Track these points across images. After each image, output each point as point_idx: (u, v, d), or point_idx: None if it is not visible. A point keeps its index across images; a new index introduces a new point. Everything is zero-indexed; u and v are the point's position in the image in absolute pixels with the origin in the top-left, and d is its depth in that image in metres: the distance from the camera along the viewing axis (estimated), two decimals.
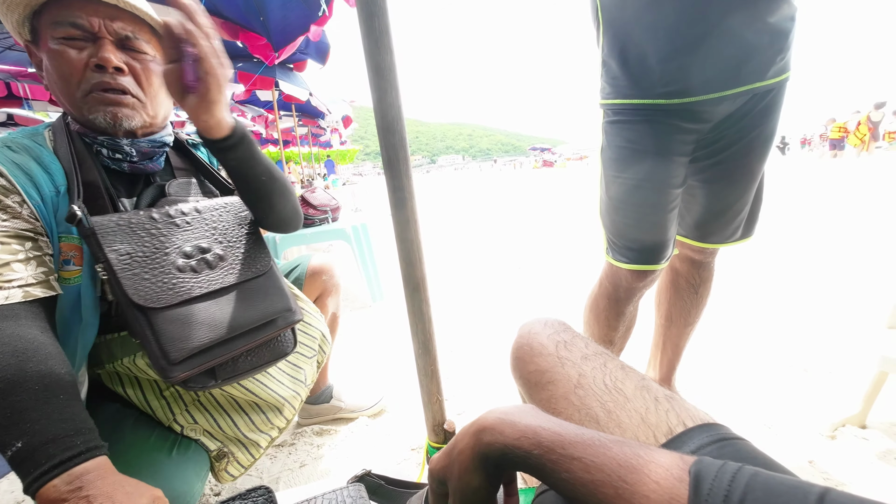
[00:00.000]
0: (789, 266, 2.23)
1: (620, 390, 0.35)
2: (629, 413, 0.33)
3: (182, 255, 0.62)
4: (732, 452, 0.29)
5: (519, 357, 0.46)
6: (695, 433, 0.30)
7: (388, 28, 0.47)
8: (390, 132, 0.50)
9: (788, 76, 0.77)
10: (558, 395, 0.38)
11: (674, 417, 0.32)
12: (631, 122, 0.80)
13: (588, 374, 0.38)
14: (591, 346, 0.42)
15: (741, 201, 0.85)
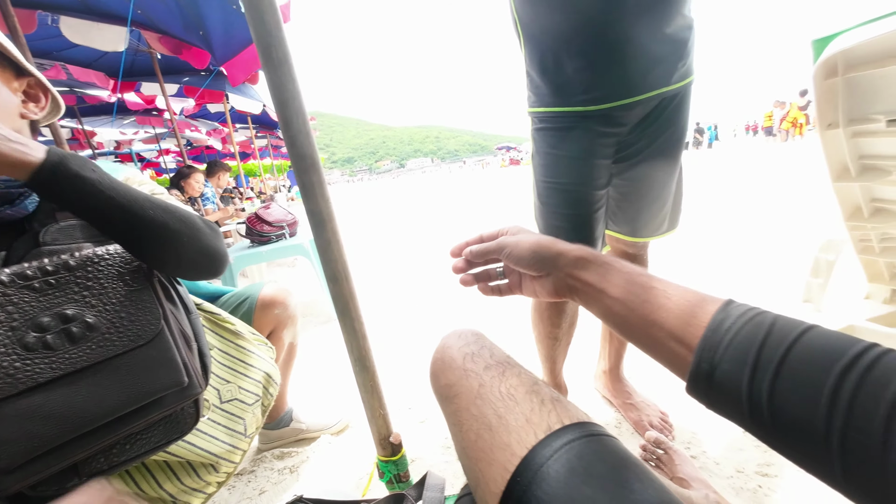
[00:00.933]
0: (717, 251, 2.40)
1: (513, 396, 0.37)
2: (516, 416, 0.35)
3: (34, 329, 0.48)
4: (598, 448, 0.31)
5: (433, 372, 0.47)
6: (570, 429, 0.33)
7: (287, 57, 0.48)
8: (301, 158, 0.51)
9: (692, 80, 0.83)
10: (461, 408, 0.39)
11: (554, 417, 0.34)
12: (555, 129, 0.84)
13: (487, 383, 0.39)
14: (496, 356, 0.43)
15: (663, 196, 0.91)
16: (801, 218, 2.85)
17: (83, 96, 4.08)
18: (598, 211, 0.86)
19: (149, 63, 3.34)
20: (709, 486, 0.77)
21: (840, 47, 0.79)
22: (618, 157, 0.87)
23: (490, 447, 0.34)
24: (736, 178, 5.68)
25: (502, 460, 0.33)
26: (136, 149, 7.98)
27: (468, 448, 0.37)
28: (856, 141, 0.88)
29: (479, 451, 0.35)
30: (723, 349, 0.30)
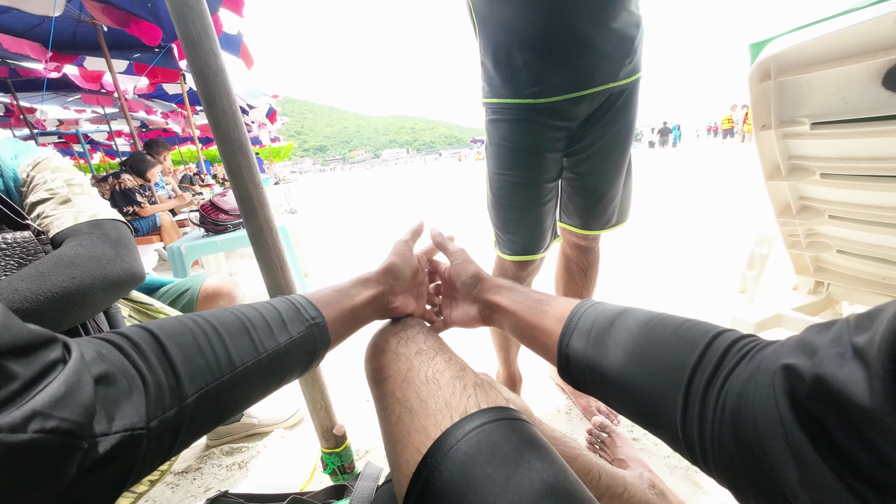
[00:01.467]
0: (665, 244, 2.53)
1: (437, 381, 0.37)
2: (437, 400, 0.35)
3: None
4: (507, 430, 0.32)
5: (366, 356, 0.47)
6: (484, 413, 0.33)
7: (208, 30, 0.45)
8: (227, 141, 0.48)
9: (639, 76, 0.85)
10: (388, 391, 0.39)
11: (472, 401, 0.35)
12: (506, 120, 0.84)
13: (415, 367, 0.39)
14: (430, 342, 0.43)
15: (612, 190, 0.94)
16: (744, 214, 3.04)
17: (16, 68, 3.71)
18: (547, 203, 0.87)
19: (93, 36, 3.08)
20: (645, 466, 0.82)
21: (772, 52, 0.84)
22: (568, 151, 0.89)
23: (408, 430, 0.34)
24: (692, 176, 5.98)
25: (416, 442, 0.33)
26: (84, 129, 7.37)
27: (390, 431, 0.37)
28: (786, 142, 0.94)
29: (398, 434, 0.35)
30: (570, 332, 0.38)
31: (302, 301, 0.41)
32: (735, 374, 0.26)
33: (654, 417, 0.32)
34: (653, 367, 0.32)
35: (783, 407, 0.22)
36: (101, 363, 0.25)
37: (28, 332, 0.21)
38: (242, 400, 0.35)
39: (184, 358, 0.30)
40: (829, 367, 0.19)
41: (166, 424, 0.28)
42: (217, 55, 0.46)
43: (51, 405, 0.19)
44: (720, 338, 0.29)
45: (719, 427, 0.26)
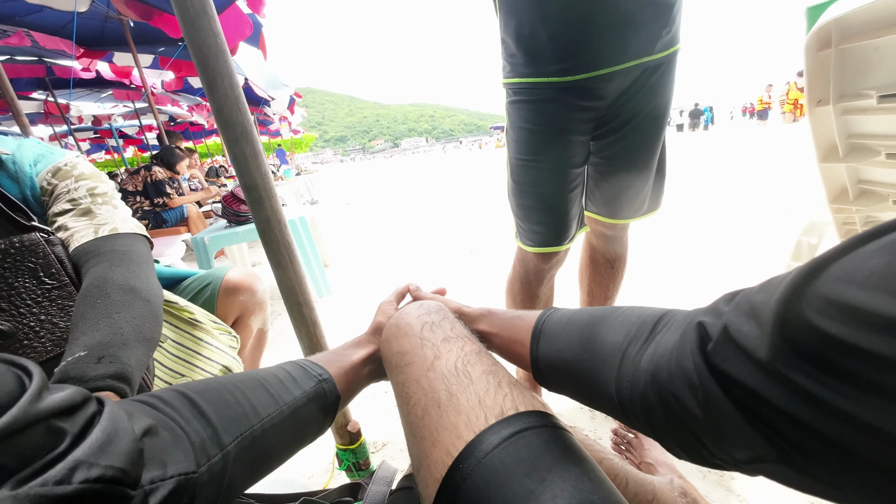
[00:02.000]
0: (700, 234, 2.38)
1: (468, 374, 0.35)
2: (469, 395, 0.32)
3: None
4: (548, 440, 0.29)
5: (385, 338, 0.44)
6: (522, 417, 0.30)
7: (207, 8, 0.42)
8: (230, 126, 0.46)
9: (677, 49, 0.77)
10: (412, 379, 0.37)
11: (509, 402, 0.32)
12: (529, 101, 0.78)
13: (443, 355, 0.37)
14: (457, 329, 0.41)
15: (643, 176, 0.87)
16: (787, 200, 2.84)
17: (52, 67, 3.86)
18: (573, 191, 0.81)
19: (120, 31, 3.16)
20: (675, 471, 0.76)
21: (835, 15, 0.74)
22: (596, 134, 0.82)
23: (437, 426, 0.32)
24: (727, 161, 5.64)
25: (447, 442, 0.30)
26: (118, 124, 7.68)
27: (414, 423, 0.34)
28: (845, 119, 0.83)
29: (424, 429, 0.33)
30: (538, 337, 0.40)
31: (305, 362, 0.44)
32: (660, 338, 0.29)
33: (597, 390, 0.33)
34: (598, 347, 0.34)
35: (696, 357, 0.24)
36: (145, 417, 0.26)
37: (71, 393, 0.22)
38: (273, 453, 0.36)
39: (214, 410, 0.32)
40: (734, 323, 0.22)
41: (213, 471, 0.29)
42: (217, 34, 0.43)
43: (93, 454, 0.20)
44: (654, 312, 0.32)
45: (643, 382, 0.28)
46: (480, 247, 2.79)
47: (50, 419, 0.20)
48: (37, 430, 0.19)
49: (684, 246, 2.21)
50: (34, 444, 0.19)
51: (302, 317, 0.56)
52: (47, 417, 0.20)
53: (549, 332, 0.40)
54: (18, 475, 0.18)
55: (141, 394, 0.31)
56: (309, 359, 0.45)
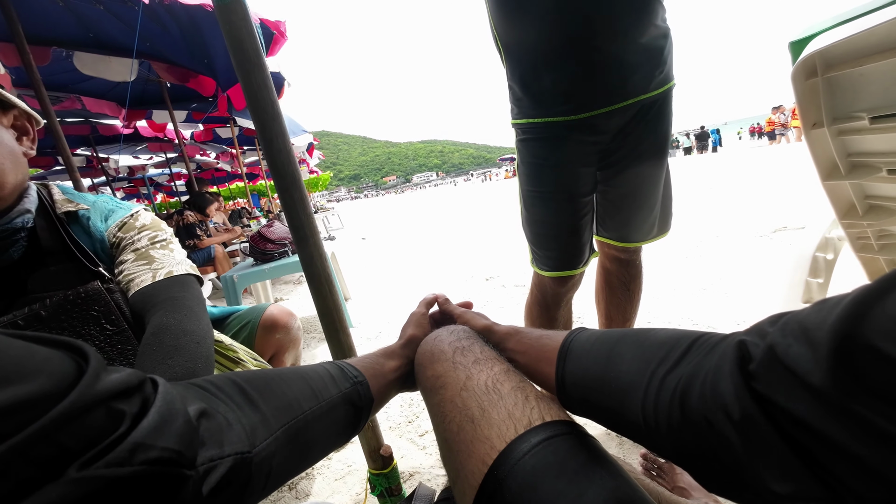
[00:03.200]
0: (712, 253, 2.37)
1: (498, 391, 0.37)
2: (499, 410, 0.35)
3: None
4: (574, 444, 0.31)
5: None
6: (549, 426, 0.33)
7: (266, 82, 0.51)
8: (281, 176, 0.53)
9: (672, 85, 0.85)
10: (447, 399, 0.39)
11: (536, 413, 0.34)
12: (537, 139, 0.86)
13: (474, 376, 0.39)
14: (486, 352, 0.44)
15: (650, 201, 0.91)
16: (798, 217, 2.81)
17: (97, 126, 4.25)
18: (583, 218, 0.86)
19: (158, 92, 3.49)
20: (710, 495, 0.75)
21: (817, 47, 0.80)
22: (602, 164, 0.88)
23: (471, 439, 0.34)
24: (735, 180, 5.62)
25: (481, 453, 0.33)
26: (149, 174, 8.23)
27: (450, 440, 0.37)
28: (842, 139, 0.87)
29: (459, 443, 0.35)
30: (564, 357, 0.40)
31: (343, 363, 0.45)
32: (693, 361, 0.27)
33: (622, 413, 0.32)
34: (625, 368, 0.33)
35: (736, 378, 0.22)
36: (199, 401, 0.27)
37: (127, 374, 0.23)
38: (313, 446, 0.37)
39: (262, 398, 0.33)
40: (781, 343, 0.20)
41: (264, 453, 0.29)
42: (274, 102, 0.52)
43: (150, 435, 0.21)
44: (687, 335, 0.30)
45: (669, 404, 0.26)
46: (497, 275, 2.82)
47: (109, 401, 0.20)
48: (98, 412, 0.20)
49: (697, 265, 2.20)
50: (96, 426, 0.19)
51: (339, 343, 0.61)
52: (106, 399, 0.20)
53: (576, 352, 0.39)
54: (83, 457, 0.18)
55: (194, 379, 0.32)
56: (346, 361, 0.46)
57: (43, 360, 0.19)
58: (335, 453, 1.16)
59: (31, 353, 0.19)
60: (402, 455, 1.08)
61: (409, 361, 0.51)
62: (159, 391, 0.24)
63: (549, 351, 0.43)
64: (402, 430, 1.21)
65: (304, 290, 3.36)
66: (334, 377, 0.41)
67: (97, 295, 0.57)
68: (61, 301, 0.54)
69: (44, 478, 0.17)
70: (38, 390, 0.18)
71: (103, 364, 0.22)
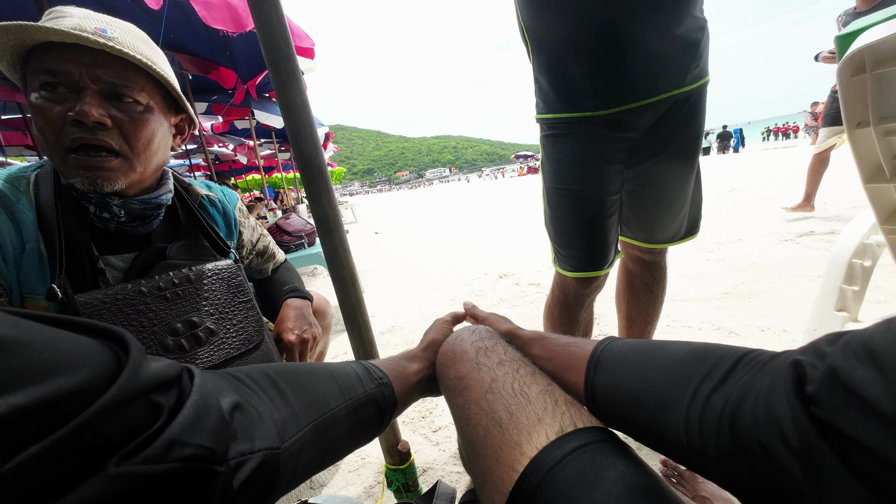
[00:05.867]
0: (739, 256, 2.29)
1: (525, 394, 0.36)
2: (528, 414, 0.34)
3: (170, 333, 0.58)
4: (610, 454, 0.30)
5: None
6: (582, 433, 0.32)
7: (295, 72, 0.50)
8: (309, 167, 0.53)
9: (706, 81, 0.81)
10: (471, 401, 0.39)
11: (567, 419, 0.33)
12: (564, 135, 0.83)
13: (500, 378, 0.39)
14: (510, 353, 0.43)
15: (679, 201, 0.88)
16: (831, 222, 2.70)
17: None
18: (610, 217, 0.84)
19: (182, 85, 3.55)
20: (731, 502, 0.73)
21: (866, 42, 0.76)
22: (630, 162, 0.85)
23: (499, 444, 0.34)
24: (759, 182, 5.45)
25: (510, 459, 0.32)
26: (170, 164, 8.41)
27: (476, 443, 0.36)
28: (889, 140, 0.83)
29: (486, 448, 0.35)
30: (594, 366, 0.39)
31: (368, 364, 0.45)
32: (742, 380, 0.25)
33: (661, 430, 0.31)
34: (663, 383, 0.31)
35: (793, 401, 0.20)
36: (233, 393, 0.28)
37: (166, 366, 0.23)
38: (338, 444, 0.37)
39: (293, 392, 0.33)
40: (844, 367, 0.19)
41: (292, 449, 0.30)
42: (302, 93, 0.51)
43: (184, 431, 0.21)
44: (732, 351, 0.29)
45: (717, 427, 0.25)
46: (511, 272, 2.80)
47: (149, 393, 0.21)
48: (137, 404, 0.20)
49: (719, 269, 2.13)
50: (136, 419, 0.20)
51: (361, 337, 0.61)
52: (146, 392, 0.21)
53: (609, 362, 0.38)
54: (122, 450, 0.18)
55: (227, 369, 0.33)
56: (371, 362, 0.46)
57: (87, 351, 0.19)
58: None
59: (76, 343, 0.19)
60: (415, 450, 1.08)
61: (431, 365, 0.50)
62: (195, 383, 0.24)
63: (576, 359, 0.42)
64: (416, 425, 1.21)
65: (319, 282, 3.39)
66: (360, 377, 0.42)
67: (235, 270, 0.69)
68: (205, 270, 0.64)
69: (86, 469, 0.17)
70: (82, 381, 0.18)
71: (143, 352, 0.22)
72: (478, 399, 0.38)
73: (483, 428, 0.36)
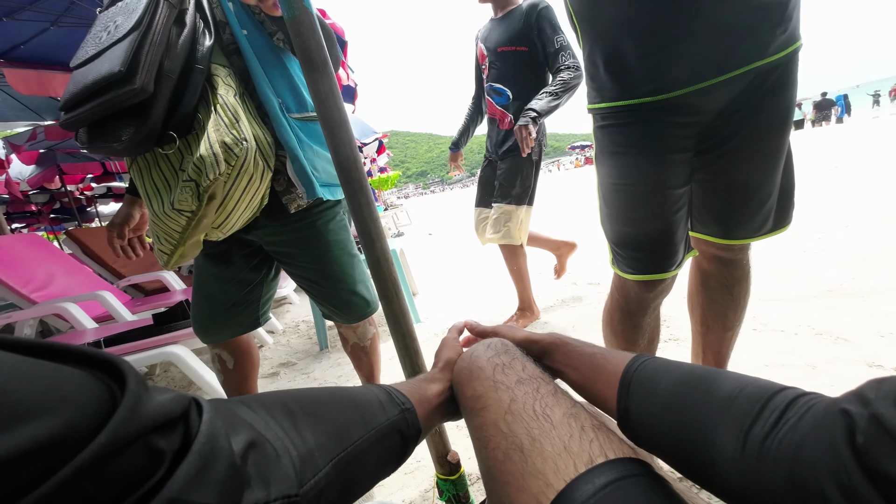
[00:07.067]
0: (838, 248, 1.92)
1: (548, 417, 0.34)
2: (553, 441, 0.32)
3: None
4: (647, 491, 0.27)
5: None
6: (615, 465, 0.29)
7: (333, 89, 0.51)
8: (349, 182, 0.54)
9: (798, 46, 0.69)
10: (489, 422, 0.37)
11: (596, 448, 0.31)
12: (620, 125, 0.76)
13: (519, 398, 0.36)
14: (529, 370, 0.41)
15: (764, 188, 0.76)
16: None
17: None
18: (677, 213, 0.75)
19: None
20: None
21: None
22: (700, 149, 0.76)
23: (521, 472, 0.32)
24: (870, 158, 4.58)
25: (535, 490, 0.30)
26: None
27: (494, 468, 0.35)
28: None
29: (506, 474, 0.33)
30: (627, 386, 0.37)
31: (391, 388, 0.43)
32: (795, 426, 0.25)
33: (706, 466, 0.30)
34: (709, 418, 0.30)
35: (845, 452, 0.21)
36: (250, 429, 0.25)
37: (171, 399, 0.20)
38: (362, 479, 0.35)
39: (313, 426, 0.31)
40: (886, 415, 0.19)
41: (311, 493, 0.27)
42: (341, 110, 0.52)
43: (187, 488, 0.18)
44: (781, 394, 0.28)
45: (773, 475, 0.25)
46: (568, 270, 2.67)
47: (148, 436, 0.18)
48: (134, 450, 0.17)
49: (819, 263, 1.82)
50: (132, 469, 0.17)
51: (406, 346, 0.61)
52: (145, 434, 0.18)
53: (643, 384, 0.37)
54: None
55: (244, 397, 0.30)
56: (392, 385, 0.44)
57: (74, 388, 0.16)
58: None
59: (60, 379, 0.16)
60: (469, 456, 1.07)
61: (450, 385, 0.48)
62: (203, 420, 0.21)
63: (607, 374, 0.40)
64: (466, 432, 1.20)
65: None
66: (383, 403, 0.40)
67: None
68: None
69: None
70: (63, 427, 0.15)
71: (143, 384, 0.19)
72: (496, 420, 0.36)
73: (503, 452, 0.34)
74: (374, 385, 0.43)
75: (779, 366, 1.18)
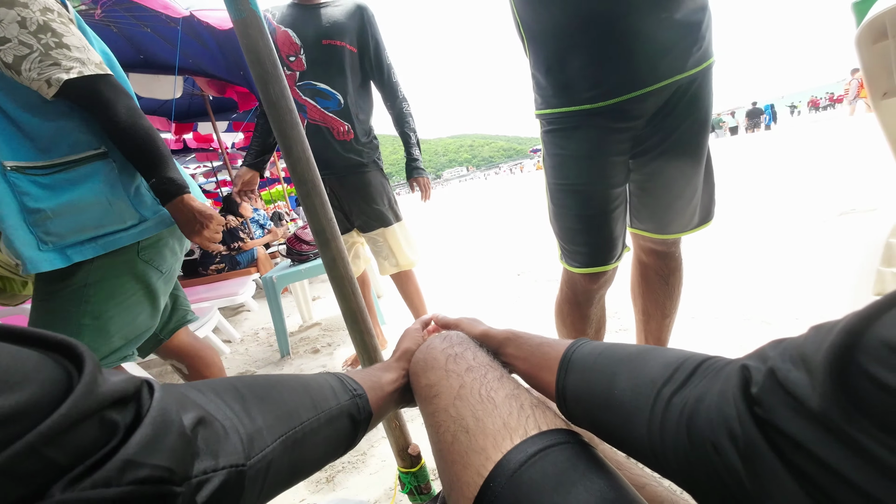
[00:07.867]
0: (761, 242, 2.16)
1: (492, 399, 0.36)
2: (494, 419, 0.34)
3: None
4: (572, 455, 0.30)
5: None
6: (546, 435, 0.32)
7: (284, 92, 0.52)
8: (302, 183, 0.54)
9: (711, 62, 0.78)
10: (440, 408, 0.39)
11: (532, 423, 0.33)
12: (563, 129, 0.82)
13: (468, 384, 0.39)
14: (479, 358, 0.43)
15: (689, 189, 0.85)
16: (862, 199, 2.51)
17: None
18: (615, 210, 0.82)
19: (202, 104, 3.72)
20: None
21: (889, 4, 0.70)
22: (635, 152, 0.83)
23: (466, 450, 0.34)
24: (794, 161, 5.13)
25: (476, 464, 0.32)
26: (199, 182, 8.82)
27: (444, 450, 0.37)
28: None
29: (454, 454, 0.35)
30: (565, 368, 0.39)
31: (342, 375, 0.44)
32: (700, 384, 0.27)
33: (627, 433, 0.31)
34: (630, 386, 0.32)
35: (739, 402, 0.22)
36: (197, 408, 0.26)
37: (124, 380, 0.21)
38: (309, 459, 0.36)
39: (261, 407, 0.32)
40: (781, 368, 0.20)
41: (259, 465, 0.28)
42: (292, 111, 0.53)
43: (140, 451, 0.19)
44: (692, 357, 0.30)
45: (676, 429, 0.26)
46: (528, 269, 2.77)
47: (103, 411, 0.19)
48: (90, 423, 0.18)
49: (749, 255, 2.03)
50: (88, 439, 0.18)
51: (364, 343, 0.62)
52: (100, 410, 0.19)
53: (578, 364, 0.39)
54: (71, 473, 0.17)
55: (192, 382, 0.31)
56: (345, 374, 0.46)
57: (34, 367, 0.18)
58: (371, 448, 1.20)
59: (20, 359, 0.18)
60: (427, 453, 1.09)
61: (406, 374, 0.50)
62: (155, 398, 0.22)
63: (550, 360, 0.42)
64: None
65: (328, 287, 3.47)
66: (335, 389, 0.41)
67: None
68: None
69: (31, 496, 0.16)
70: (26, 400, 0.16)
71: (99, 366, 0.20)
72: (446, 406, 0.39)
73: (451, 434, 0.36)
74: (326, 373, 0.44)
75: (713, 350, 1.30)
